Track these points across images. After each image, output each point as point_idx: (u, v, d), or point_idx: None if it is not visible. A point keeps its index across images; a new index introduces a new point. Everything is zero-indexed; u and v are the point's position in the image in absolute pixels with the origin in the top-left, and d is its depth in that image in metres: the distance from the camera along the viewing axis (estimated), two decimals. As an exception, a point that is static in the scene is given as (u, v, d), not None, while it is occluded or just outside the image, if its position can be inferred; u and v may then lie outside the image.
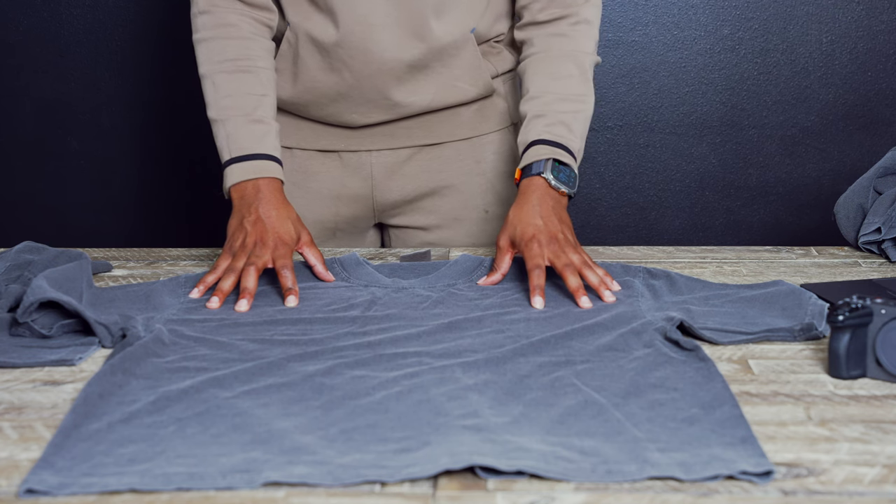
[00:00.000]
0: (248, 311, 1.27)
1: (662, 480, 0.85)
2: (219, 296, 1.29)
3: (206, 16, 1.49)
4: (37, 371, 1.11)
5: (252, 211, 1.38)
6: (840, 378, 1.07)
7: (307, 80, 1.55)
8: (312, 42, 1.51)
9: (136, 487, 0.84)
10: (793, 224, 2.69)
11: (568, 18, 1.52)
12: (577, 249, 1.35)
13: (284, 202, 1.41)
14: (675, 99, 2.65)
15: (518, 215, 1.39)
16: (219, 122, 1.46)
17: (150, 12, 2.59)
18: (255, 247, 1.34)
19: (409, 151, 1.62)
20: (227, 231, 1.39)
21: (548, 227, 1.37)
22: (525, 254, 1.34)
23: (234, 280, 1.31)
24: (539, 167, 1.42)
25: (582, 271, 1.31)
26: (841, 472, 0.87)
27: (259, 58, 1.49)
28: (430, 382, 1.03)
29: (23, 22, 2.61)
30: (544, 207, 1.39)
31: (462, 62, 1.55)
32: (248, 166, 1.42)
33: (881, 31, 2.60)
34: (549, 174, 1.41)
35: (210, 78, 1.47)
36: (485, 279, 1.37)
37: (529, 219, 1.38)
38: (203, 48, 1.49)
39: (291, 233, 1.38)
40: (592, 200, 2.71)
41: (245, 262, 1.33)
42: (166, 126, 2.65)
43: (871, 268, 1.48)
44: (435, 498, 0.83)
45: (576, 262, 1.32)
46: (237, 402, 0.99)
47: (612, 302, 1.28)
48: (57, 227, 2.71)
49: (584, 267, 1.32)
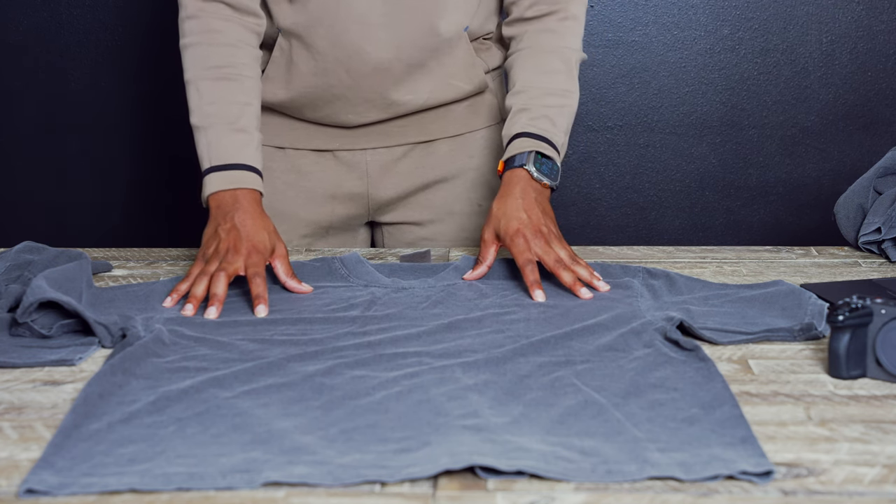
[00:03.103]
0: (247, 310, 1.27)
1: (662, 480, 0.85)
2: (192, 302, 1.26)
3: (193, 21, 1.47)
4: (37, 371, 1.11)
5: (228, 220, 1.36)
6: (840, 378, 1.07)
7: (301, 85, 1.55)
8: (305, 46, 1.51)
9: (136, 487, 0.84)
10: (793, 224, 2.69)
11: (555, 14, 1.53)
12: (562, 243, 1.37)
13: (261, 213, 1.39)
14: (675, 99, 2.65)
15: (502, 208, 1.40)
16: (201, 129, 1.44)
17: (150, 12, 2.59)
18: (227, 253, 1.32)
19: (403, 149, 1.63)
20: (203, 239, 1.37)
21: (532, 220, 1.37)
22: (512, 249, 1.36)
23: (205, 285, 1.29)
24: (522, 159, 1.43)
25: (571, 267, 1.33)
26: (841, 472, 0.87)
27: (245, 66, 1.48)
28: (430, 382, 1.03)
29: (23, 22, 2.61)
30: (527, 199, 1.40)
31: (457, 60, 1.56)
32: (227, 176, 1.41)
33: (881, 31, 2.60)
34: (532, 166, 1.42)
35: (194, 84, 1.46)
36: (470, 273, 1.38)
37: (513, 212, 1.38)
38: (189, 53, 1.47)
39: (266, 243, 1.35)
40: (592, 200, 2.70)
41: (216, 269, 1.31)
42: (167, 126, 2.65)
43: (871, 268, 1.48)
44: (435, 498, 0.83)
45: (564, 258, 1.34)
46: (237, 402, 0.99)
47: (606, 290, 1.30)
48: (57, 227, 2.71)
49: (573, 263, 1.34)
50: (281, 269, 1.35)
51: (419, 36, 1.51)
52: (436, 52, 1.53)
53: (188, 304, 1.26)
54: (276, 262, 1.36)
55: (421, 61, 1.53)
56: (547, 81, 1.51)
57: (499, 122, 1.67)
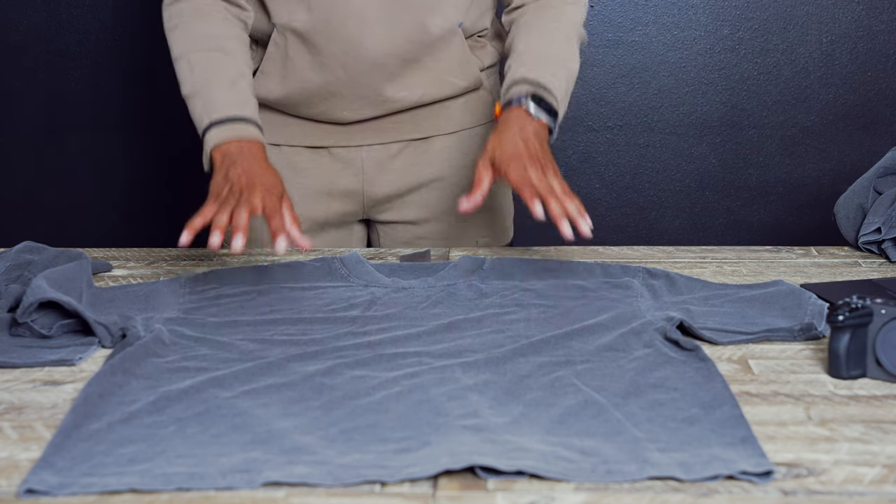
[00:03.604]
0: (246, 310, 1.26)
1: (662, 480, 0.85)
2: (218, 229, 1.22)
3: (181, 4, 1.47)
4: (37, 371, 1.11)
5: (237, 166, 1.33)
6: (840, 378, 1.07)
7: (297, 81, 1.55)
8: (302, 41, 1.51)
9: (136, 487, 0.84)
10: (793, 224, 2.69)
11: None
12: (557, 175, 1.34)
13: (269, 163, 1.36)
14: (675, 99, 2.65)
15: (498, 139, 1.37)
16: (195, 95, 1.41)
17: (150, 13, 2.59)
18: (241, 193, 1.29)
19: (398, 146, 1.63)
20: (211, 187, 1.32)
21: (528, 148, 1.35)
22: (507, 173, 1.32)
23: (228, 215, 1.25)
24: (520, 100, 1.41)
25: (562, 200, 1.30)
26: (841, 472, 0.87)
27: (236, 41, 1.46)
28: (430, 382, 1.03)
29: (23, 22, 2.61)
30: (525, 132, 1.37)
31: (451, 56, 1.56)
32: (229, 128, 1.37)
33: (881, 31, 2.60)
34: (530, 103, 1.40)
35: (185, 57, 1.44)
36: (465, 201, 1.32)
37: (509, 140, 1.35)
38: (177, 33, 1.46)
39: (279, 186, 1.33)
40: (592, 200, 2.71)
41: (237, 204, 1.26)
42: (167, 126, 2.65)
43: (871, 268, 1.48)
44: (435, 498, 0.83)
45: (557, 190, 1.31)
46: (237, 402, 0.99)
47: (588, 236, 1.27)
48: (57, 227, 2.71)
49: (565, 196, 1.31)
50: (289, 216, 1.30)
51: (414, 31, 1.51)
52: (430, 48, 1.54)
53: (214, 230, 1.22)
54: (286, 210, 1.31)
55: (416, 57, 1.53)
56: (546, 45, 1.49)
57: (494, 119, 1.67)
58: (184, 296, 1.31)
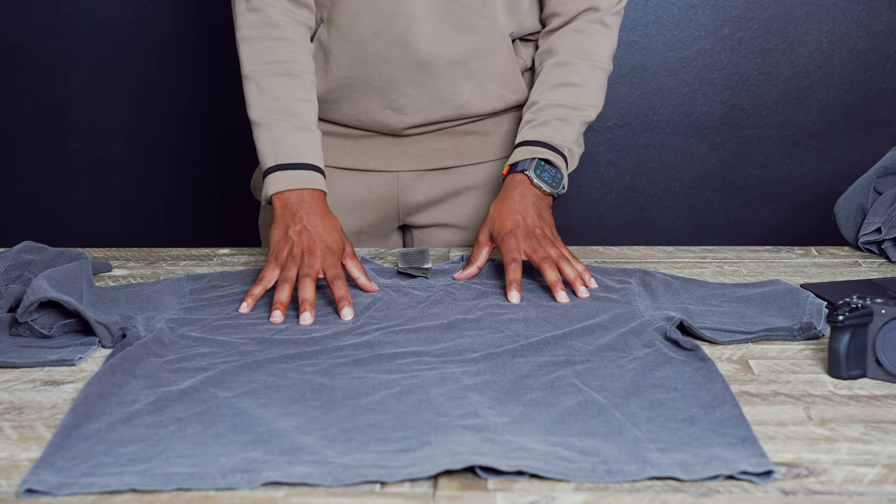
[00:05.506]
0: (249, 313, 1.26)
1: (662, 480, 0.85)
2: (279, 308, 1.24)
3: (254, 14, 1.47)
4: (37, 371, 1.11)
5: (297, 220, 1.36)
6: (840, 378, 1.07)
7: (339, 76, 1.54)
8: (346, 36, 1.51)
9: (136, 487, 0.84)
10: (793, 224, 2.69)
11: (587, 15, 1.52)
12: (555, 244, 1.37)
13: (329, 212, 1.39)
14: (675, 99, 2.65)
15: (498, 210, 1.41)
16: (263, 125, 1.43)
17: (150, 12, 2.59)
18: (303, 257, 1.31)
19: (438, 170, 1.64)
20: (271, 241, 1.36)
21: (526, 222, 1.38)
22: (501, 248, 1.36)
23: (290, 290, 1.28)
24: (524, 165, 1.44)
25: (559, 265, 1.33)
26: (841, 472, 0.87)
27: (304, 61, 1.48)
28: (429, 382, 1.03)
29: (23, 22, 2.61)
30: (524, 203, 1.41)
31: (497, 63, 1.55)
32: (293, 175, 1.40)
33: (881, 31, 2.59)
34: (532, 172, 1.43)
35: (254, 79, 1.45)
36: (460, 273, 1.38)
37: (509, 214, 1.39)
38: (247, 47, 1.47)
39: (338, 242, 1.35)
40: (592, 200, 2.70)
41: (300, 273, 1.29)
42: (166, 126, 2.65)
43: (871, 268, 1.48)
44: (435, 498, 0.83)
45: (553, 255, 1.34)
46: (237, 401, 0.99)
47: (585, 297, 1.29)
48: (57, 227, 2.71)
49: (562, 260, 1.33)
50: (354, 268, 1.36)
51: (463, 33, 1.50)
52: (477, 53, 1.52)
53: (276, 310, 1.24)
54: (349, 262, 1.36)
55: (462, 60, 1.52)
56: (560, 93, 1.50)
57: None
58: (184, 296, 1.31)
